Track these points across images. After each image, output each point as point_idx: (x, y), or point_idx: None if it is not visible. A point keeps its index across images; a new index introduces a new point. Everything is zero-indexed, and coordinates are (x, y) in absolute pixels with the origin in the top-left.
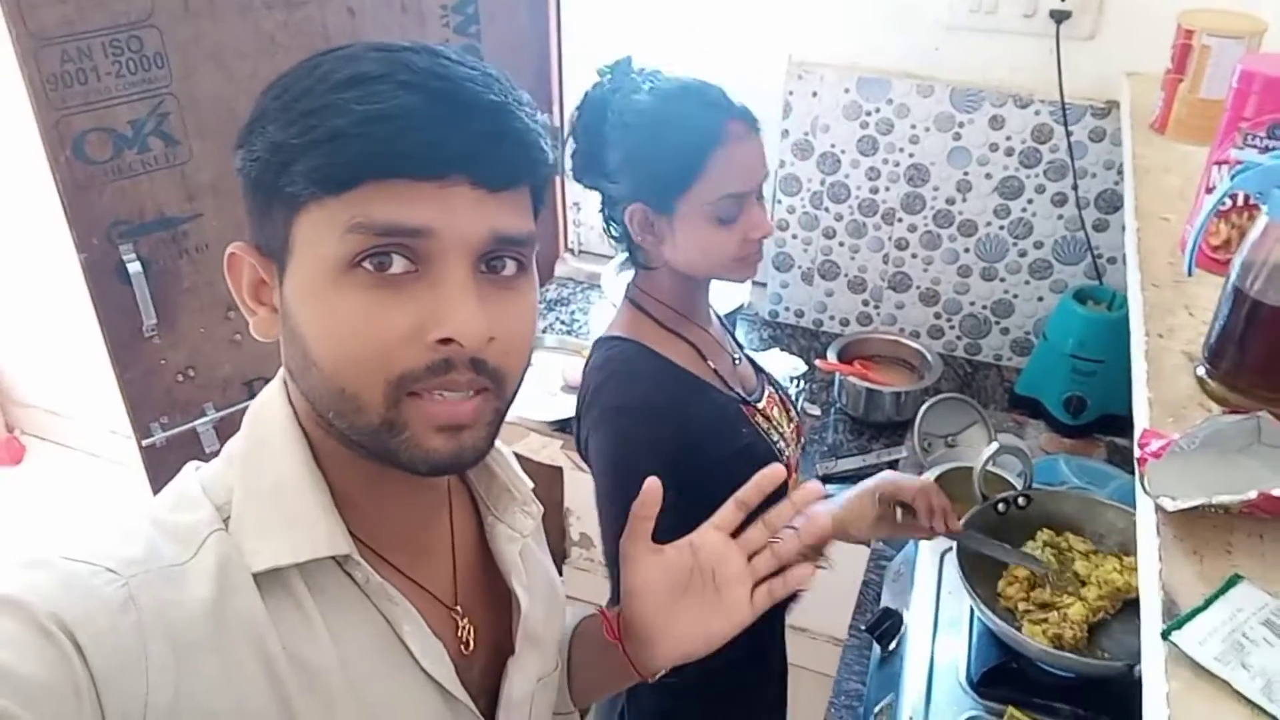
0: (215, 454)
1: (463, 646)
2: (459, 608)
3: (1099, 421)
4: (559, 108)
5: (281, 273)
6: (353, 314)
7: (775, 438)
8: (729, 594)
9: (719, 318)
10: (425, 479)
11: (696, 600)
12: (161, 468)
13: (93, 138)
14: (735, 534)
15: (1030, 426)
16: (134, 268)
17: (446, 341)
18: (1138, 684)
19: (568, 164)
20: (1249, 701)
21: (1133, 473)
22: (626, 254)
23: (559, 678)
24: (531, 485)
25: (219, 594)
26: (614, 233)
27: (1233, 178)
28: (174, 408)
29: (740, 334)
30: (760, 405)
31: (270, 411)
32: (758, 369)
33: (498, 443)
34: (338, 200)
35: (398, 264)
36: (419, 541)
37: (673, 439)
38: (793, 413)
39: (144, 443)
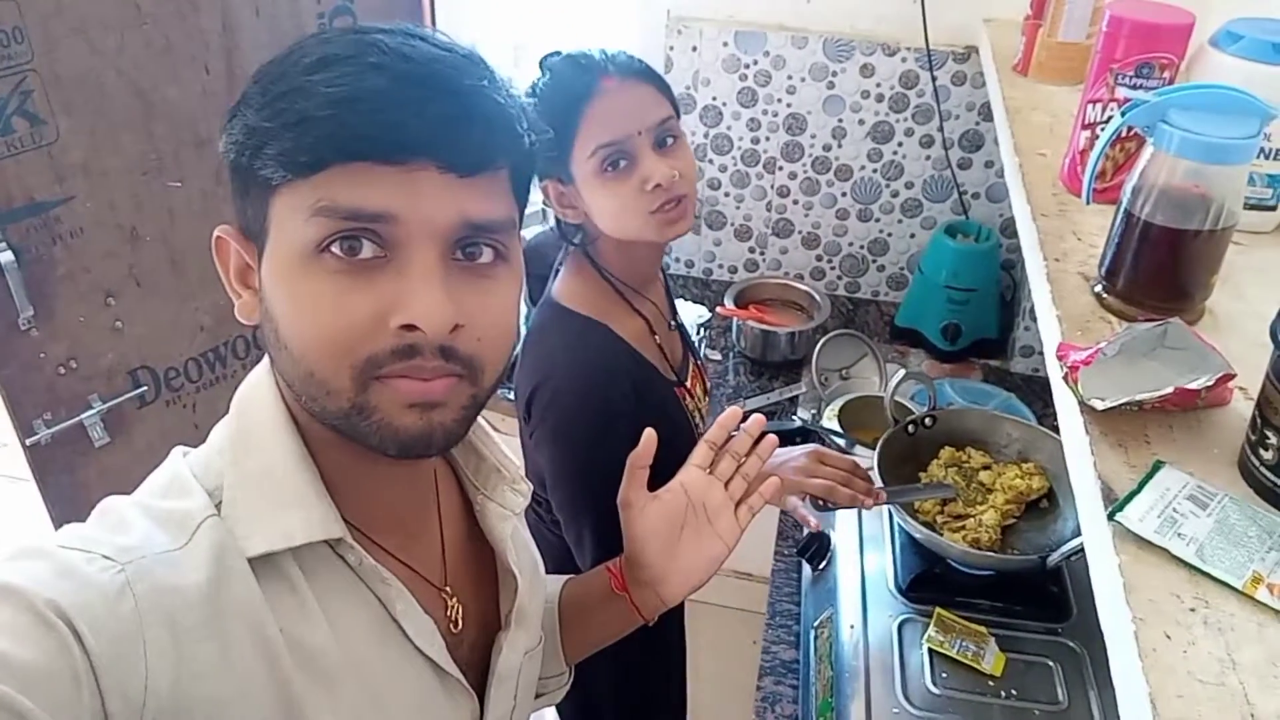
0: (106, 447)
1: (451, 625)
2: (448, 588)
3: (973, 346)
4: None
5: (260, 255)
6: (319, 298)
7: (697, 420)
8: (719, 521)
9: (665, 280)
10: (411, 461)
11: (693, 533)
12: (48, 466)
13: None
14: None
15: (912, 355)
16: (5, 257)
17: (410, 328)
18: (1045, 574)
19: None
20: (1185, 564)
21: (1008, 389)
22: (565, 234)
23: (541, 650)
24: (521, 464)
25: (215, 579)
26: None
27: (1124, 113)
28: (58, 402)
29: None
30: (687, 384)
31: (258, 396)
32: (684, 336)
33: (482, 422)
34: (307, 183)
35: (367, 249)
36: (408, 524)
37: (618, 403)
38: (706, 379)
39: (28, 441)
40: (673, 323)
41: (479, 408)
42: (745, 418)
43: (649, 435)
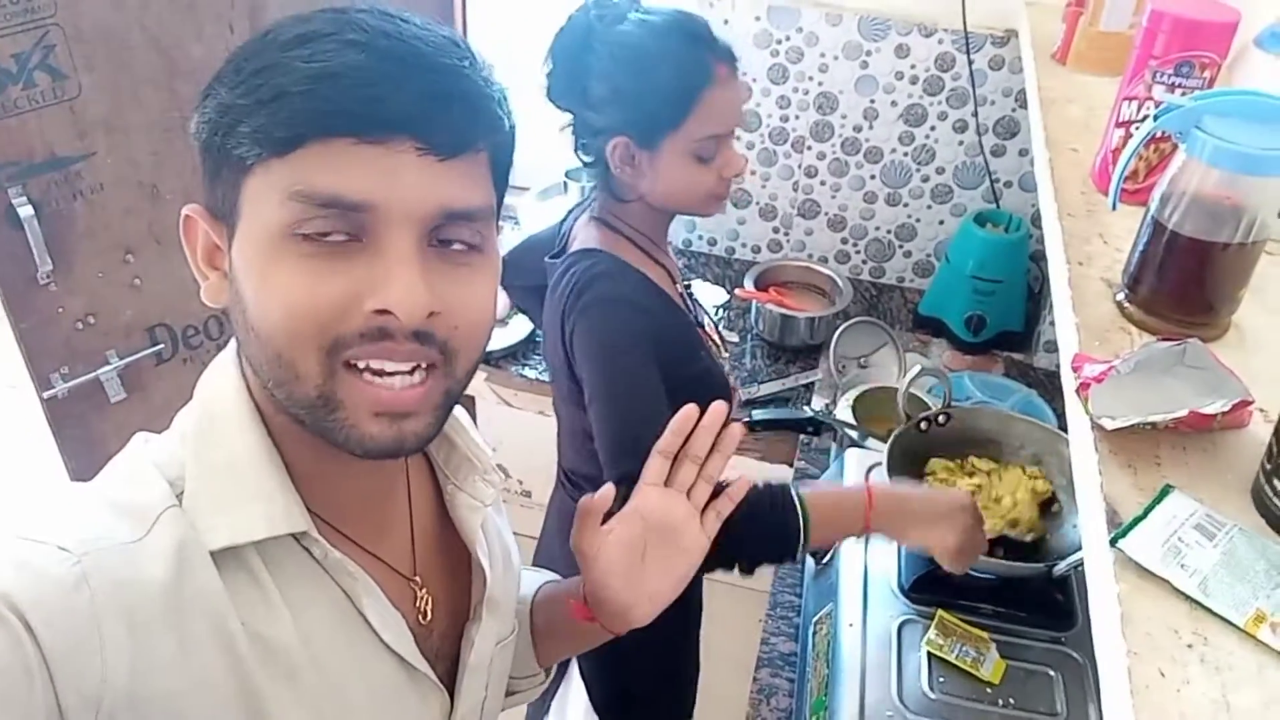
0: (122, 404)
1: (420, 616)
2: (417, 578)
3: (996, 338)
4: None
5: (230, 237)
6: (290, 280)
7: (719, 358)
8: (685, 537)
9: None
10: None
11: (657, 555)
12: (64, 420)
13: None
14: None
15: (934, 345)
16: (25, 211)
17: (383, 313)
18: (1050, 582)
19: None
20: (1188, 597)
21: (1029, 384)
22: (597, 181)
23: (515, 640)
24: (492, 452)
25: (175, 572)
26: (585, 158)
27: (1156, 118)
28: (74, 357)
29: None
30: (705, 329)
31: (222, 384)
32: (694, 302)
33: (457, 411)
34: (283, 162)
35: (340, 234)
36: (376, 515)
37: (653, 338)
38: (721, 347)
39: (44, 395)
40: (681, 285)
41: (453, 403)
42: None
43: (606, 490)
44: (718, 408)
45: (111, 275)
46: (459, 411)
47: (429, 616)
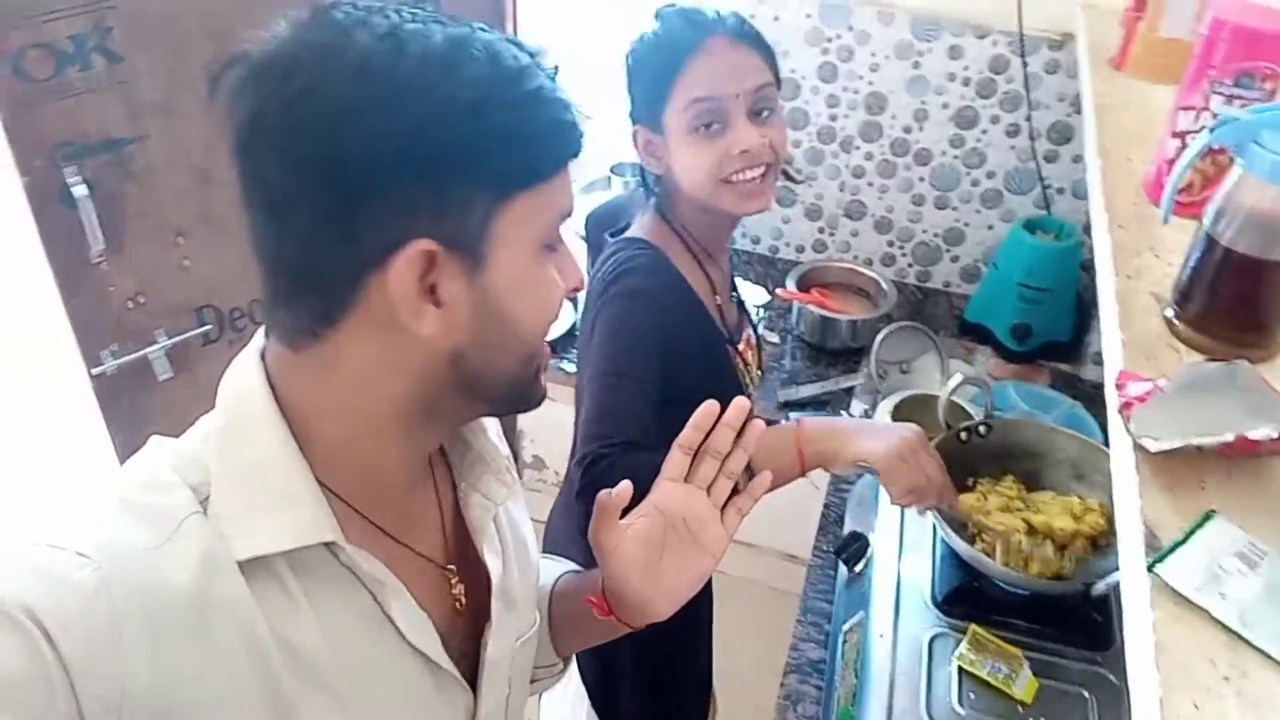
0: (168, 382)
1: (456, 604)
2: (451, 566)
3: (1042, 348)
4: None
5: (479, 265)
6: (553, 285)
7: (745, 381)
8: (705, 534)
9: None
10: (424, 451)
11: (677, 553)
12: (112, 397)
13: (32, 54)
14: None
15: (978, 353)
16: (79, 191)
17: (572, 290)
18: (1089, 600)
19: None
20: (1226, 628)
21: (1075, 397)
22: (646, 183)
23: (537, 634)
24: (508, 453)
25: (200, 579)
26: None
27: (1211, 131)
28: (124, 335)
29: None
30: (739, 347)
31: (248, 386)
32: (742, 308)
33: None
34: (542, 187)
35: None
36: (408, 507)
37: (664, 338)
38: (762, 356)
39: (93, 371)
40: (733, 295)
41: None
42: (794, 403)
43: (624, 485)
44: (740, 403)
45: (162, 256)
46: None
47: (465, 602)
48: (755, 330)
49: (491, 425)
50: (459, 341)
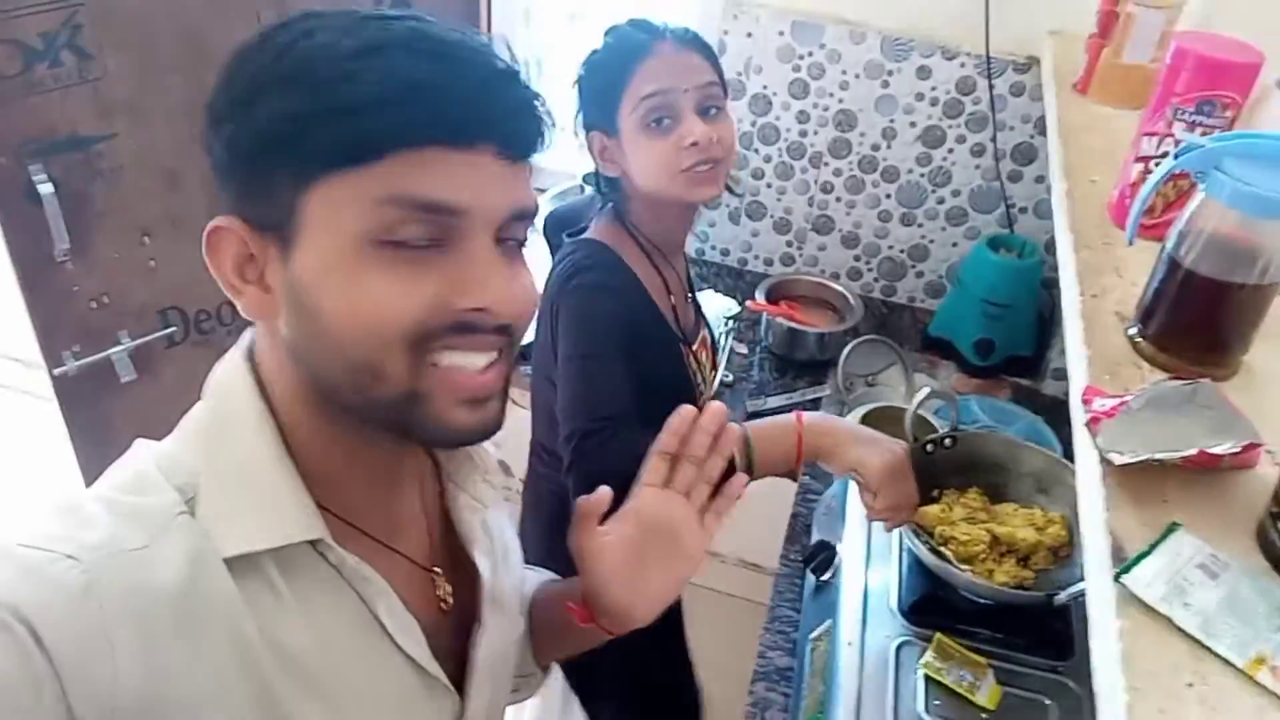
0: (131, 384)
1: (441, 604)
2: (437, 568)
3: (1005, 363)
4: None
5: (286, 248)
6: (378, 286)
7: (699, 381)
8: (685, 538)
9: (685, 259)
10: (401, 450)
11: (657, 556)
12: (74, 397)
13: (0, 50)
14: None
15: (942, 367)
16: (45, 189)
17: (478, 311)
18: (1051, 610)
19: None
20: (1189, 636)
21: (1036, 411)
22: (603, 189)
23: (520, 639)
24: (495, 449)
25: (188, 579)
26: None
27: (1175, 157)
28: (87, 336)
29: None
30: (694, 347)
31: (233, 387)
32: (698, 311)
33: None
34: (364, 171)
35: (423, 238)
36: (393, 509)
37: (626, 330)
38: (715, 357)
39: (55, 372)
40: (689, 296)
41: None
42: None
43: (602, 491)
44: (716, 408)
45: (127, 256)
46: None
47: (450, 604)
48: (711, 333)
49: None
50: (287, 335)
